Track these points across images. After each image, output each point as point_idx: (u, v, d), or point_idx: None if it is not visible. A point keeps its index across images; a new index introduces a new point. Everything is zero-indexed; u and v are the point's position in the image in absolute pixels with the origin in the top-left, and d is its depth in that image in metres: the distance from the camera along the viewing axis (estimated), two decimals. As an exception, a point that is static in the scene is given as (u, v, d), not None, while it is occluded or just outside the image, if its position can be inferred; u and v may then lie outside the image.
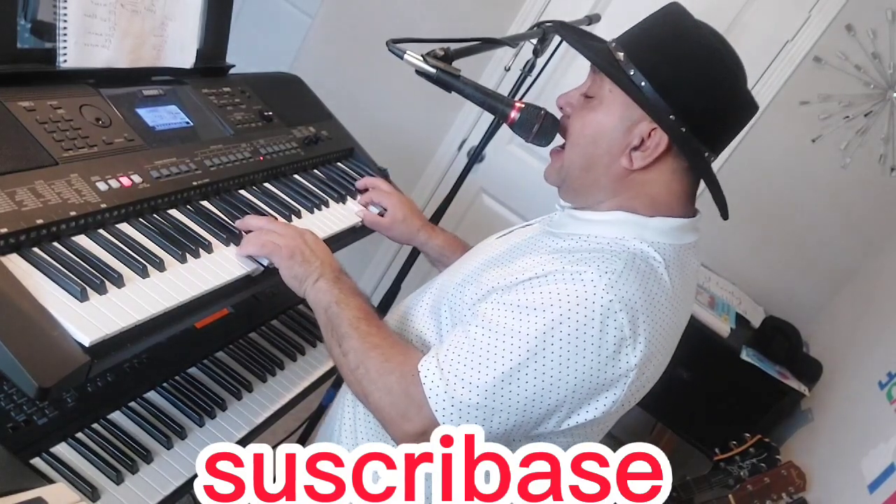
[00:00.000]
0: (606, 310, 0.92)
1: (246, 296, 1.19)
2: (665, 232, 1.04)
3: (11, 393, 1.10)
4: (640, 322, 0.95)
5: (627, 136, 1.02)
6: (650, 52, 1.01)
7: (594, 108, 1.05)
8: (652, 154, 1.01)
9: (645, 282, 0.97)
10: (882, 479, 1.77)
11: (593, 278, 0.94)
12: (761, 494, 1.89)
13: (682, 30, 1.03)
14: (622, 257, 0.98)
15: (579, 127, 1.07)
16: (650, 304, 0.96)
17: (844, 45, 2.52)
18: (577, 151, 1.07)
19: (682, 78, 1.00)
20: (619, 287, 0.94)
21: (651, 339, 0.96)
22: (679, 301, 1.03)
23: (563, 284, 0.95)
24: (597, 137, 1.05)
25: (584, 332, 0.92)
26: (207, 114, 1.39)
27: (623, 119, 1.02)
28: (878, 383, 2.10)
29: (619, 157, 1.03)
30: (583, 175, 1.07)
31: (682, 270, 1.04)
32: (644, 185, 1.04)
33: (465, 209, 3.01)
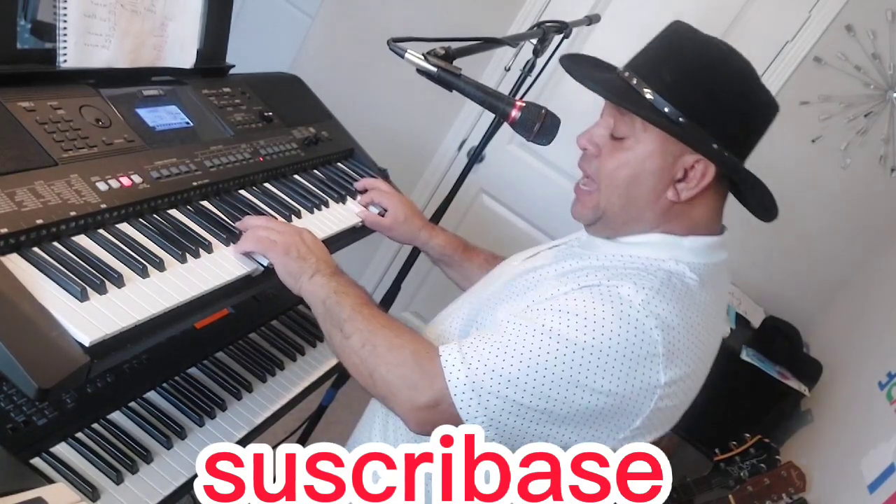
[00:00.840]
0: (641, 324, 0.92)
1: (246, 296, 1.19)
2: (699, 251, 1.03)
3: (11, 393, 1.10)
4: (673, 341, 0.94)
5: (671, 171, 1.00)
6: (680, 84, 0.98)
7: (629, 148, 1.02)
8: (700, 185, 0.99)
9: (680, 302, 0.96)
10: (882, 479, 1.77)
11: (629, 293, 0.94)
12: (761, 495, 1.88)
13: (702, 52, 1.00)
14: (658, 276, 0.97)
15: (613, 168, 1.03)
16: (685, 324, 0.95)
17: (844, 46, 2.52)
18: (617, 193, 1.04)
19: (717, 103, 0.98)
20: (654, 304, 0.93)
21: (684, 359, 0.95)
22: (713, 322, 1.02)
23: (598, 297, 0.94)
24: (637, 177, 1.02)
25: (615, 344, 0.91)
26: (207, 114, 1.39)
27: (664, 155, 1.00)
28: (878, 383, 2.10)
29: (663, 193, 1.01)
30: (623, 213, 1.05)
31: (716, 289, 1.03)
32: (690, 210, 1.03)
33: (465, 209, 3.02)
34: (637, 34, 3.16)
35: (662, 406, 0.96)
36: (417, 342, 1.02)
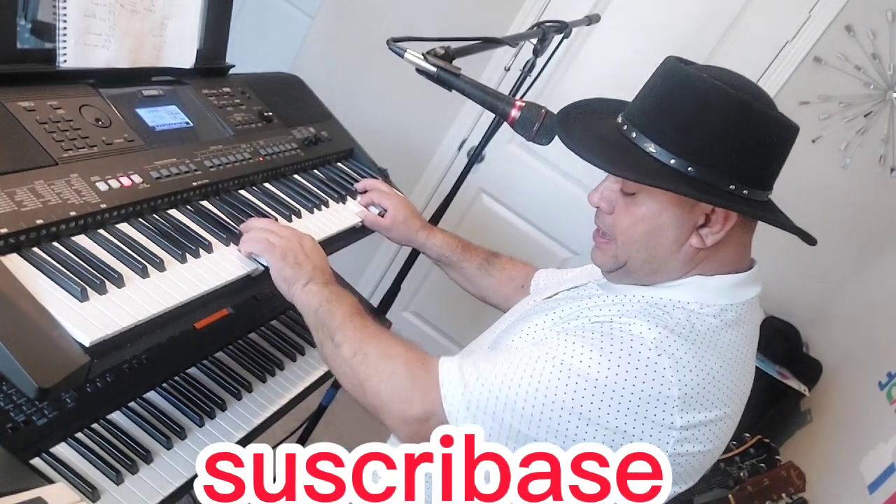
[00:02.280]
0: (653, 363, 0.89)
1: (246, 296, 1.19)
2: (725, 292, 0.99)
3: (11, 393, 1.10)
4: (690, 384, 0.90)
5: (690, 219, 0.96)
6: (682, 133, 0.93)
7: (642, 203, 0.98)
8: (723, 229, 0.95)
9: (701, 344, 0.93)
10: (882, 479, 1.77)
11: (642, 331, 0.91)
12: (761, 495, 1.88)
13: (699, 92, 0.93)
14: (675, 315, 0.95)
15: (629, 225, 0.99)
16: (704, 366, 0.92)
17: (844, 46, 2.52)
18: (635, 248, 1.00)
19: (724, 143, 0.92)
20: (668, 344, 0.90)
21: (705, 403, 0.92)
22: (740, 363, 0.98)
23: (609, 332, 0.92)
24: (655, 231, 0.98)
25: (622, 380, 0.89)
26: (207, 114, 1.39)
27: (680, 206, 0.95)
28: (878, 383, 2.10)
29: (686, 241, 0.97)
30: (647, 266, 1.01)
31: (743, 329, 0.99)
32: (718, 253, 0.99)
33: (465, 209, 3.01)
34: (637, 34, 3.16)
35: (684, 451, 0.92)
36: (410, 351, 1.01)
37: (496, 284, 1.48)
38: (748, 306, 1.01)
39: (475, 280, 1.50)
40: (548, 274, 1.41)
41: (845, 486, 1.93)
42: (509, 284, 1.45)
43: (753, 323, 1.03)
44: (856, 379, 2.31)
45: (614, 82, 2.85)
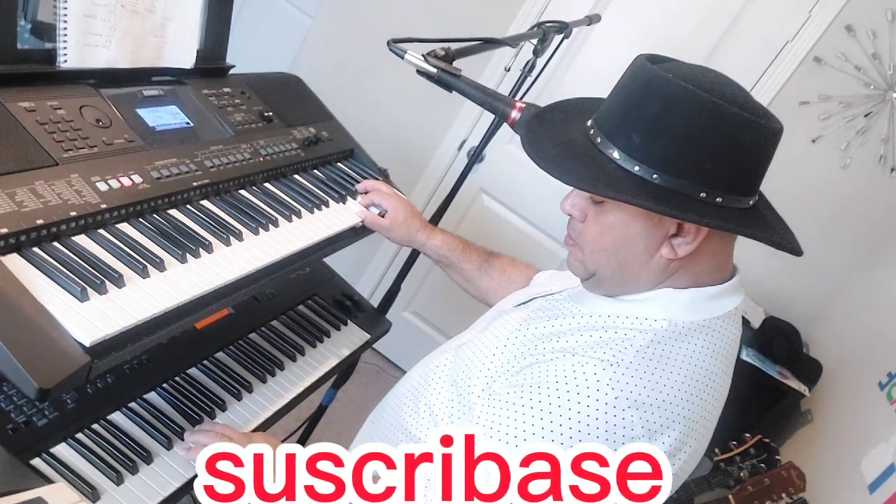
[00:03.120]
0: (612, 408, 0.86)
1: (246, 296, 1.19)
2: (699, 306, 0.96)
3: (11, 394, 1.10)
4: (654, 419, 0.88)
5: (660, 229, 0.92)
6: (647, 138, 0.88)
7: (609, 213, 0.94)
8: (696, 239, 0.91)
9: (661, 374, 0.90)
10: (882, 479, 1.77)
11: (596, 371, 0.88)
12: (761, 495, 1.89)
13: (666, 94, 0.87)
14: (637, 342, 0.91)
15: (597, 234, 0.96)
16: (668, 398, 0.89)
17: (844, 46, 2.52)
18: (604, 257, 0.97)
19: (694, 150, 0.87)
20: (625, 381, 0.87)
21: (673, 433, 0.90)
22: (711, 383, 0.95)
23: (563, 374, 0.89)
24: (624, 241, 0.94)
25: (587, 433, 0.86)
26: (207, 114, 1.39)
27: (648, 215, 0.91)
28: (878, 383, 2.10)
29: (656, 252, 0.93)
30: (617, 276, 0.97)
31: (716, 347, 0.96)
32: (693, 263, 0.95)
33: (465, 209, 3.01)
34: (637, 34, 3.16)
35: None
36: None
37: (495, 286, 1.48)
38: (725, 320, 0.97)
39: (475, 281, 1.50)
40: (548, 276, 1.41)
41: (845, 486, 1.93)
42: (508, 287, 1.45)
43: (729, 339, 0.99)
44: (856, 379, 2.31)
45: (614, 82, 2.86)
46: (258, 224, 1.27)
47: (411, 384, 1.15)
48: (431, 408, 1.07)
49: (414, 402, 1.11)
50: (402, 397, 1.15)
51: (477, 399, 0.97)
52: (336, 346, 1.65)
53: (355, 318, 1.76)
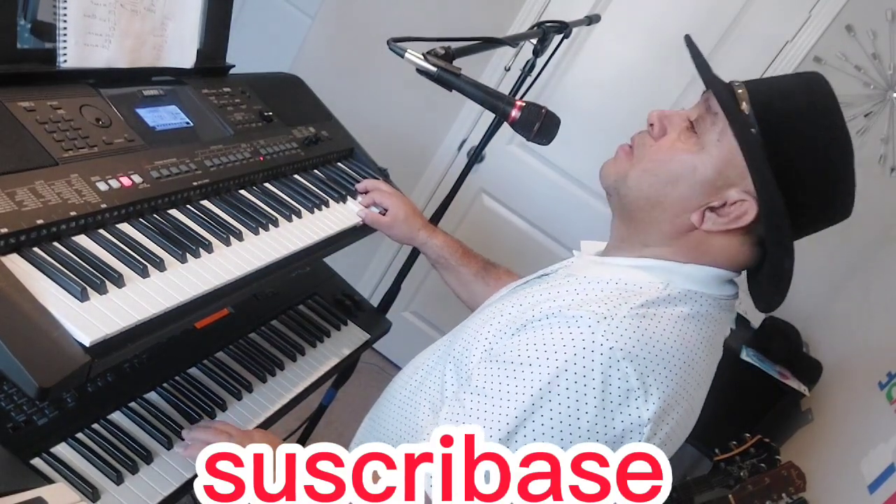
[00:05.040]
0: (608, 359, 0.86)
1: (246, 296, 1.19)
2: (698, 280, 0.95)
3: (12, 393, 1.10)
4: (648, 373, 0.87)
5: (711, 193, 0.92)
6: (782, 124, 0.90)
7: (690, 148, 0.94)
8: (731, 224, 0.92)
9: (655, 330, 0.89)
10: (882, 479, 1.78)
11: (590, 323, 0.87)
12: (761, 495, 1.89)
13: (825, 108, 0.91)
14: (631, 301, 0.90)
15: (664, 156, 0.95)
16: (660, 354, 0.89)
17: (844, 46, 2.52)
18: (649, 181, 0.96)
19: (809, 159, 0.89)
20: (619, 333, 0.87)
21: (666, 390, 0.89)
22: (700, 351, 0.94)
23: (557, 329, 0.89)
24: (678, 179, 0.94)
25: (584, 384, 0.86)
26: (207, 114, 1.39)
27: (718, 174, 0.92)
28: (878, 384, 2.10)
29: (691, 211, 0.93)
30: (644, 208, 0.97)
31: (710, 324, 0.96)
32: (704, 246, 0.95)
33: (465, 209, 3.02)
34: (637, 34, 3.16)
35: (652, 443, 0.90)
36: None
37: (490, 293, 1.47)
38: (721, 303, 0.97)
39: (470, 286, 1.49)
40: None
41: (845, 486, 1.93)
42: None
43: (722, 323, 0.98)
44: (856, 379, 2.31)
45: (614, 82, 2.88)
46: (258, 224, 1.27)
47: (408, 379, 1.15)
48: (431, 397, 1.07)
49: (413, 395, 1.11)
50: (400, 391, 1.15)
51: (476, 364, 0.96)
52: (336, 345, 1.65)
53: (355, 318, 1.76)
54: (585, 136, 2.70)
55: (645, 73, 2.70)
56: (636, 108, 2.71)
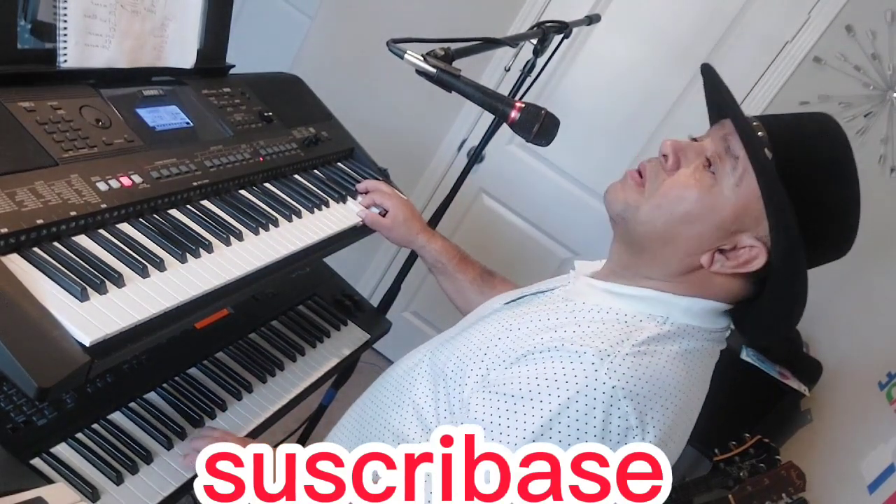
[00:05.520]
0: (609, 397, 0.86)
1: (246, 296, 1.19)
2: (696, 314, 0.95)
3: (11, 393, 1.10)
4: (647, 411, 0.88)
5: (723, 238, 0.92)
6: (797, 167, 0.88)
7: (707, 188, 0.92)
8: (739, 268, 0.92)
9: (654, 369, 0.90)
10: (882, 479, 1.78)
11: (594, 360, 0.87)
12: (761, 495, 1.89)
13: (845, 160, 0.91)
14: (632, 338, 0.90)
15: (679, 193, 0.93)
16: (659, 392, 0.89)
17: (844, 46, 2.52)
18: (663, 217, 0.94)
19: (828, 214, 0.90)
20: (622, 372, 0.87)
21: (662, 428, 0.90)
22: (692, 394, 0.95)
23: (560, 364, 0.88)
24: (693, 219, 0.92)
25: (585, 422, 0.86)
26: (207, 114, 1.39)
27: (734, 220, 0.91)
28: (878, 384, 2.10)
29: (701, 252, 0.93)
30: (655, 242, 0.96)
31: (703, 359, 0.96)
32: (706, 284, 0.95)
33: (465, 209, 3.02)
34: (637, 34, 3.16)
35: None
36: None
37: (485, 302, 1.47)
38: (716, 336, 0.98)
39: (465, 293, 1.48)
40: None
41: (845, 486, 1.93)
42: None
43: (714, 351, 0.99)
44: (856, 379, 2.31)
45: (614, 83, 2.88)
46: (258, 224, 1.27)
47: (394, 380, 1.14)
48: (416, 405, 1.06)
49: (398, 398, 1.10)
50: (386, 393, 1.14)
51: (472, 393, 0.96)
52: (336, 345, 1.65)
53: (355, 318, 1.76)
54: (585, 136, 2.70)
55: (645, 73, 2.70)
56: (636, 109, 2.72)
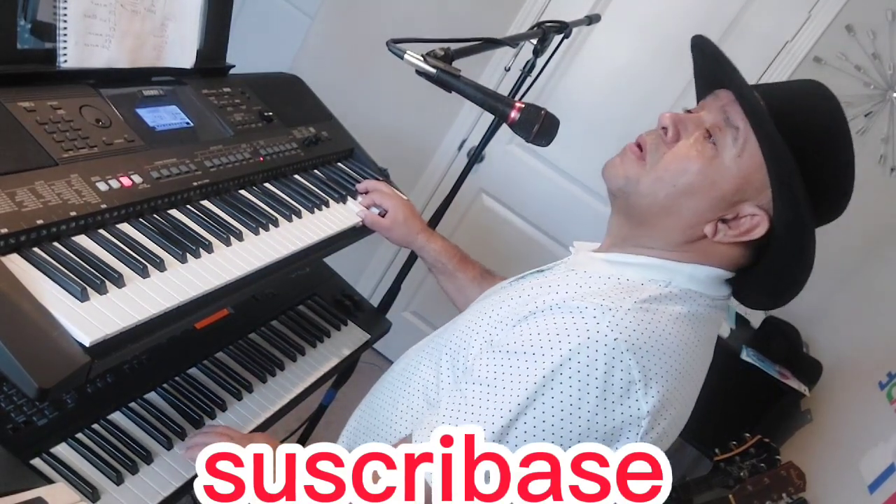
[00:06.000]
0: (612, 349, 0.85)
1: (246, 296, 1.19)
2: (698, 280, 0.95)
3: (11, 394, 1.10)
4: (650, 366, 0.87)
5: (726, 207, 0.92)
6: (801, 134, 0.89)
7: (708, 159, 0.91)
8: (742, 236, 0.92)
9: (657, 325, 0.89)
10: (882, 479, 1.78)
11: (595, 314, 0.87)
12: (761, 495, 1.88)
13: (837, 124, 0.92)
14: (634, 296, 0.90)
15: (680, 167, 0.93)
16: (661, 349, 0.88)
17: (844, 46, 2.52)
18: (665, 190, 0.94)
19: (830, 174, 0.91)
20: (624, 325, 0.86)
21: (665, 385, 0.89)
22: (696, 357, 0.95)
23: (562, 319, 0.88)
24: (696, 191, 0.92)
25: (587, 374, 0.85)
26: (207, 114, 1.39)
27: (736, 190, 0.91)
28: (879, 383, 2.10)
29: (705, 223, 0.93)
30: (658, 215, 0.96)
31: (706, 325, 0.96)
32: (709, 251, 0.95)
33: (465, 209, 3.02)
34: (637, 34, 3.16)
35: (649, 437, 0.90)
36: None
37: None
38: (718, 304, 0.98)
39: (466, 292, 1.48)
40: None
41: (845, 486, 1.93)
42: None
43: (716, 317, 0.99)
44: (856, 379, 2.31)
45: (614, 82, 2.88)
46: (258, 224, 1.27)
47: (396, 374, 1.15)
48: (423, 386, 1.06)
49: (404, 388, 1.10)
50: (393, 382, 1.14)
51: (477, 356, 0.96)
52: (336, 346, 1.65)
53: (355, 318, 1.76)
54: (585, 136, 2.70)
55: (645, 73, 2.70)
56: (636, 108, 2.72)
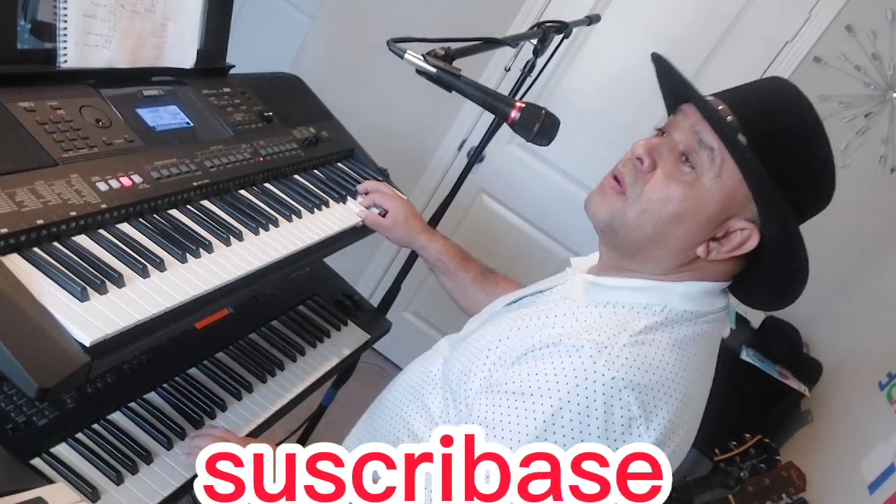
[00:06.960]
0: (609, 388, 0.85)
1: (246, 296, 1.19)
2: (693, 298, 0.95)
3: (11, 394, 1.10)
4: (650, 400, 0.88)
5: (714, 228, 0.92)
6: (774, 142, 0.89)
7: (689, 184, 0.91)
8: (734, 251, 0.92)
9: (654, 357, 0.89)
10: (882, 479, 1.78)
11: (591, 353, 0.87)
12: (761, 495, 1.88)
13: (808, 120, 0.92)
14: (630, 328, 0.90)
15: (661, 198, 0.92)
16: (661, 380, 0.89)
17: (844, 46, 2.52)
18: (652, 221, 0.94)
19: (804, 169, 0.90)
20: (620, 363, 0.87)
21: (668, 415, 0.89)
22: (700, 369, 0.95)
23: (559, 359, 0.88)
24: (681, 217, 0.92)
25: (587, 415, 0.86)
26: (207, 114, 1.39)
27: (722, 210, 0.91)
28: (878, 384, 2.10)
29: (696, 245, 0.93)
30: (647, 246, 0.96)
31: (706, 342, 0.96)
32: (705, 270, 0.96)
33: (465, 209, 3.01)
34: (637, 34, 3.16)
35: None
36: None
37: (488, 301, 1.47)
38: (715, 317, 0.98)
39: (468, 291, 1.48)
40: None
41: (845, 486, 1.93)
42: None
43: (717, 336, 1.00)
44: (856, 379, 2.31)
45: (614, 83, 2.87)
46: (258, 224, 1.27)
47: (410, 381, 1.15)
48: (428, 407, 1.07)
49: (414, 398, 1.11)
50: (402, 393, 1.15)
51: (476, 395, 0.97)
52: (336, 346, 1.65)
53: (355, 318, 1.76)
54: (585, 136, 2.70)
55: (645, 74, 2.67)
56: (636, 108, 2.72)
